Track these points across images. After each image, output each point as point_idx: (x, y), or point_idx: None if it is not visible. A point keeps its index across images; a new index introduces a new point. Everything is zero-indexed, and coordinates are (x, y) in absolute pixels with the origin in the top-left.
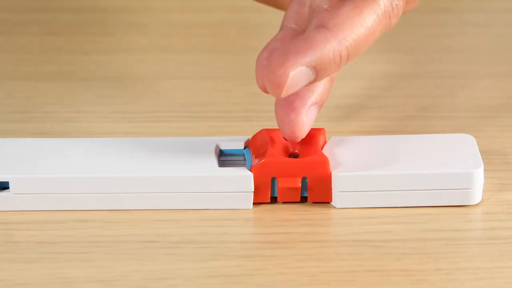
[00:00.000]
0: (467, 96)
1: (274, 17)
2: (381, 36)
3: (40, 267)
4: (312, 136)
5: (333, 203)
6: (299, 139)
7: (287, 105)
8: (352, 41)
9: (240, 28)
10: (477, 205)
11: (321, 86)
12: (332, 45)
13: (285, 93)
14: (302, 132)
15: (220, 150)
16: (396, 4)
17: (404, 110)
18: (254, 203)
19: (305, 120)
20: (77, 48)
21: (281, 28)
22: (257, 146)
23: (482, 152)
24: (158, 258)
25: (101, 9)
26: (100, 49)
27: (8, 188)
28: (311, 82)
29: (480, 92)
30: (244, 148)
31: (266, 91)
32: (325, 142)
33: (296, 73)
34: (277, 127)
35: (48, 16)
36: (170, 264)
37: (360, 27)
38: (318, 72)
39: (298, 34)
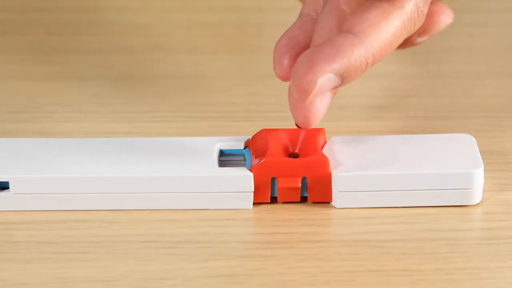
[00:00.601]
0: (467, 96)
1: (274, 17)
2: None
3: (40, 267)
4: (312, 136)
5: (333, 203)
6: (312, 126)
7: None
8: (378, 47)
9: (240, 28)
10: (477, 205)
11: None
12: (359, 52)
13: (311, 99)
14: (316, 118)
15: (220, 150)
16: (422, 11)
17: (404, 110)
18: (254, 203)
19: (320, 107)
20: (77, 48)
21: (300, 15)
22: (257, 146)
23: (482, 152)
24: (158, 258)
25: (101, 9)
26: (100, 49)
27: (8, 188)
28: (336, 87)
29: (480, 92)
30: (244, 148)
31: (283, 79)
32: (325, 142)
33: (324, 80)
34: (277, 127)
35: (49, 16)
36: (170, 264)
37: (386, 33)
38: (343, 78)
39: (316, 22)
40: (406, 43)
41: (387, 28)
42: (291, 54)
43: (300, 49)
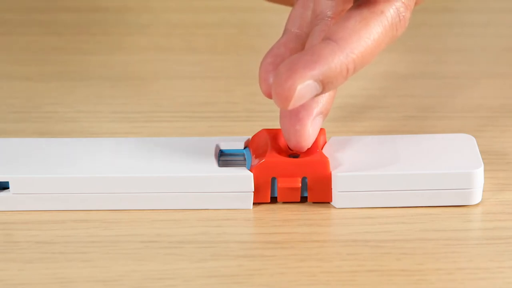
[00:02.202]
0: (467, 96)
1: (274, 17)
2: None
3: (40, 267)
4: None
5: (333, 203)
6: (305, 149)
7: (293, 115)
8: (359, 53)
9: (240, 28)
10: (477, 205)
11: (325, 96)
12: (340, 58)
13: (292, 106)
14: (308, 142)
15: (220, 150)
16: (404, 16)
17: (404, 110)
18: (254, 203)
19: (311, 131)
20: (77, 48)
21: (284, 32)
22: (257, 146)
23: (482, 152)
24: (158, 258)
25: (101, 9)
26: (100, 49)
27: (8, 188)
28: (318, 95)
29: (480, 92)
30: (244, 148)
31: (269, 97)
32: (325, 142)
33: (303, 87)
34: (277, 127)
35: (48, 16)
36: (170, 264)
37: (367, 39)
38: (324, 85)
39: (301, 38)
40: None
41: (368, 35)
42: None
43: None
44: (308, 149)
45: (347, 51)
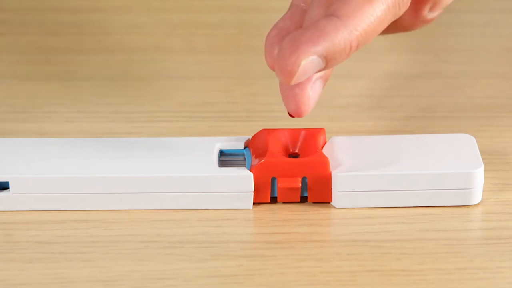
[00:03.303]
0: (467, 96)
1: (274, 17)
2: (383, 35)
3: (40, 267)
4: (312, 136)
5: (333, 203)
6: (304, 114)
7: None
8: (362, 30)
9: (240, 28)
10: (477, 205)
11: None
12: (343, 34)
13: (295, 81)
14: (307, 107)
15: (220, 150)
16: None
17: (404, 110)
18: (254, 203)
19: (311, 95)
20: (77, 48)
21: (290, 7)
22: (257, 146)
23: (482, 152)
24: (158, 258)
25: (101, 9)
26: (100, 49)
27: (8, 188)
28: (321, 70)
29: (480, 92)
30: (244, 148)
31: (273, 68)
32: (325, 142)
33: (307, 62)
34: (277, 127)
35: (48, 16)
36: (170, 264)
37: (370, 16)
38: (328, 61)
39: (306, 13)
40: (417, 20)
41: (371, 12)
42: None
43: None
44: (308, 149)
45: (350, 27)
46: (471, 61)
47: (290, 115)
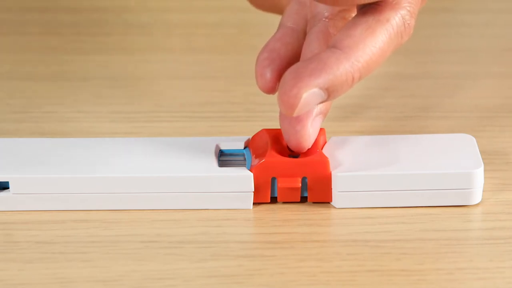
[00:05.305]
0: (467, 96)
1: (274, 17)
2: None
3: (40, 267)
4: None
5: (333, 203)
6: (305, 150)
7: (293, 116)
8: (364, 62)
9: (240, 28)
10: (477, 205)
11: None
12: (345, 67)
13: (297, 113)
14: (308, 143)
15: (220, 150)
16: (408, 24)
17: (403, 110)
18: (254, 203)
19: (311, 131)
20: (77, 48)
21: (279, 27)
22: (257, 146)
23: (482, 152)
24: (158, 258)
25: (101, 9)
26: (100, 49)
27: (8, 188)
28: (322, 102)
29: (480, 92)
30: (244, 148)
31: (266, 91)
32: (325, 142)
33: (309, 95)
34: (277, 127)
35: (48, 16)
36: (170, 264)
37: (372, 47)
38: (330, 93)
39: (296, 33)
40: None
41: (373, 43)
42: (272, 67)
43: (281, 62)
44: (308, 149)
45: (352, 59)
46: (470, 61)
47: (290, 150)
